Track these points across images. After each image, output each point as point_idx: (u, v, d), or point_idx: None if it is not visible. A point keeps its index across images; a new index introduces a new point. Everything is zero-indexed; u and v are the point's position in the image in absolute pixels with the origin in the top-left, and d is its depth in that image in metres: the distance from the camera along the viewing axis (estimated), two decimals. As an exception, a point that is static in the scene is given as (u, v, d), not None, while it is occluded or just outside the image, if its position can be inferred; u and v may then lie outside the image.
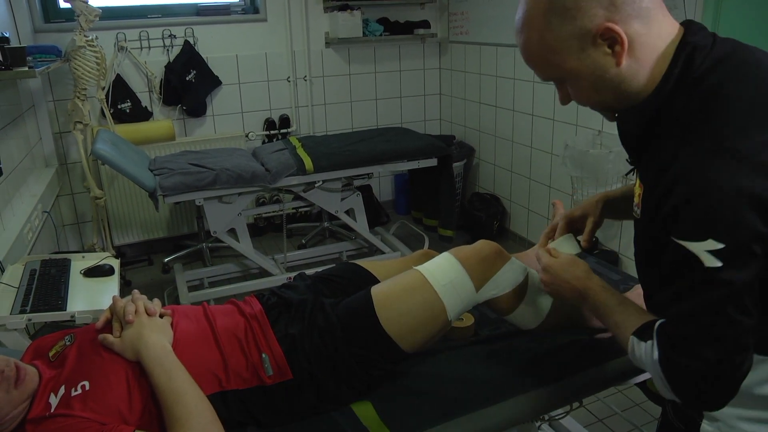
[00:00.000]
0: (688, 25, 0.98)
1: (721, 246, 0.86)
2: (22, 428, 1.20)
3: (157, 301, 1.43)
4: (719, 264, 0.86)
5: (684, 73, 0.94)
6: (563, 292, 1.27)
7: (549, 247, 1.34)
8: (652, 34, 0.95)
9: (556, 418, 2.00)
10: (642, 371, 1.59)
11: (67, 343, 1.35)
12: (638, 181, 1.05)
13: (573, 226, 1.42)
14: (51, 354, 1.33)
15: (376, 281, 1.58)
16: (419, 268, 1.48)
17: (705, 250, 0.86)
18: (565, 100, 1.07)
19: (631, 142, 1.05)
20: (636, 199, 1.05)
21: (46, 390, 1.23)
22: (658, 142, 0.97)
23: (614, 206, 1.39)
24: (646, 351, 1.01)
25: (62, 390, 1.22)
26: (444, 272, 1.45)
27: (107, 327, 1.36)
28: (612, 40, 0.93)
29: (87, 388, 1.21)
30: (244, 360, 1.36)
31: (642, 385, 1.94)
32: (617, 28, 0.91)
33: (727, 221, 0.86)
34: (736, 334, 0.90)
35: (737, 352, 0.91)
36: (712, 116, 0.90)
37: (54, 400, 1.20)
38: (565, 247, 1.38)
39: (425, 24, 4.70)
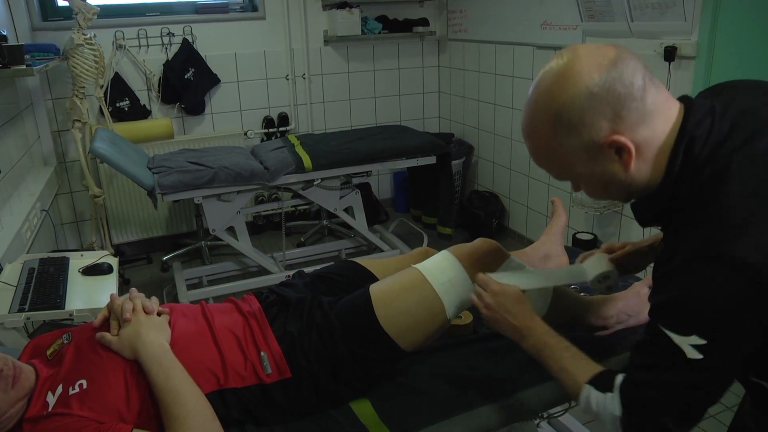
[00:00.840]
0: (687, 107, 0.97)
1: (703, 342, 0.88)
2: (19, 427, 1.19)
3: (155, 300, 1.43)
4: (700, 357, 0.88)
5: (684, 167, 0.94)
6: (502, 327, 1.25)
7: (496, 280, 1.29)
8: (657, 134, 0.94)
9: (555, 415, 2.00)
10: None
11: (65, 342, 1.34)
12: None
13: (610, 251, 1.42)
14: (49, 353, 1.33)
15: (374, 279, 1.58)
16: (418, 266, 1.48)
17: (688, 344, 0.89)
18: (576, 189, 1.08)
19: (646, 224, 1.06)
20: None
21: (43, 389, 1.23)
22: (667, 228, 1.00)
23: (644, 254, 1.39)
24: (605, 403, 1.03)
25: (60, 389, 1.22)
26: (443, 270, 1.45)
27: (105, 325, 1.36)
28: (619, 149, 0.93)
29: (85, 386, 1.21)
30: (242, 358, 1.35)
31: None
32: (623, 139, 0.92)
33: (713, 323, 0.88)
34: (701, 410, 0.95)
35: (695, 422, 0.96)
36: (711, 214, 0.89)
37: (51, 399, 1.20)
38: (596, 263, 1.38)
39: (424, 22, 4.69)
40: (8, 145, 2.88)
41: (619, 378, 1.03)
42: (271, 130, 4.45)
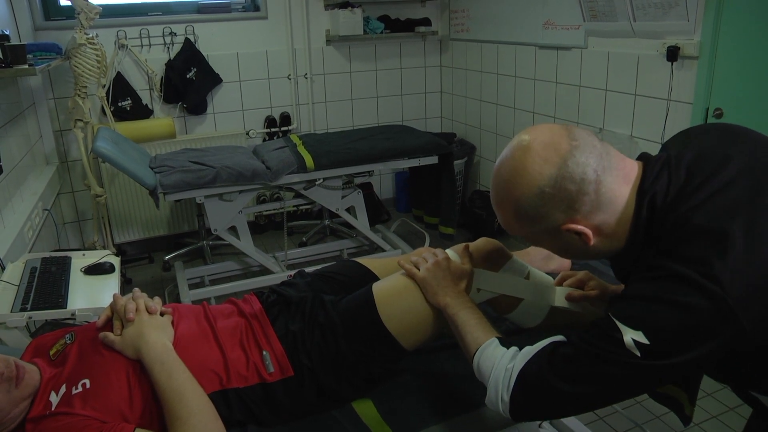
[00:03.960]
0: (644, 171, 1.00)
1: (646, 342, 0.90)
2: (22, 427, 1.19)
3: (157, 300, 1.43)
4: (637, 354, 0.90)
5: (650, 219, 0.97)
6: (430, 292, 1.36)
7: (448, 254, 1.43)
8: (615, 211, 0.98)
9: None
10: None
11: (68, 342, 1.34)
12: None
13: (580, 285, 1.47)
14: (52, 353, 1.33)
15: (376, 279, 1.58)
16: None
17: (632, 338, 0.90)
18: None
19: (623, 280, 1.11)
20: None
21: (46, 388, 1.23)
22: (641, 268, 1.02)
23: None
24: (501, 356, 1.10)
25: (63, 388, 1.22)
26: None
27: (108, 325, 1.36)
28: (577, 233, 0.99)
29: (88, 386, 1.21)
30: (244, 358, 1.35)
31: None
32: (579, 227, 0.98)
33: (663, 330, 0.89)
34: (603, 401, 1.00)
35: (586, 410, 1.02)
36: (681, 249, 0.91)
37: (55, 399, 1.20)
38: (563, 294, 1.46)
39: (426, 21, 4.69)
40: (10, 145, 2.89)
41: (555, 337, 1.07)
42: (273, 129, 4.45)
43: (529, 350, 1.08)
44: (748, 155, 0.96)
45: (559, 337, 1.07)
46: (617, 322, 0.93)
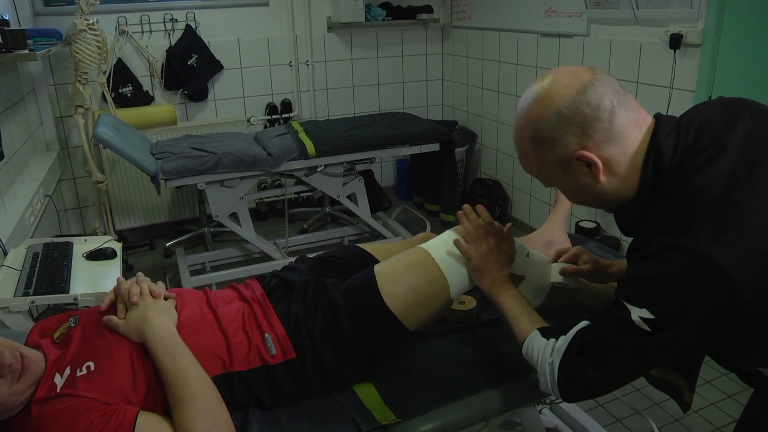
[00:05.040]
0: (657, 126, 1.04)
1: (651, 317, 0.96)
2: (28, 409, 1.20)
3: (161, 284, 1.43)
4: (647, 329, 0.97)
5: (656, 177, 1.02)
6: (481, 270, 1.40)
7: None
8: (625, 151, 1.03)
9: (557, 401, 2.01)
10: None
11: (72, 325, 1.35)
12: None
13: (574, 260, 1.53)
14: (56, 335, 1.33)
15: (376, 263, 1.58)
16: (423, 245, 1.49)
17: (638, 315, 0.97)
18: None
19: (628, 233, 1.13)
20: None
21: (51, 371, 1.24)
22: (642, 233, 1.07)
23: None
24: (544, 348, 1.18)
25: (67, 370, 1.22)
26: (449, 250, 1.46)
27: (112, 309, 1.37)
28: (587, 162, 1.04)
29: (92, 368, 1.22)
30: (246, 341, 1.36)
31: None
32: (589, 154, 1.02)
33: (663, 303, 0.96)
34: (630, 374, 1.07)
35: (619, 384, 1.10)
36: (683, 220, 0.96)
37: (59, 381, 1.21)
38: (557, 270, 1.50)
39: (428, 9, 4.67)
40: (11, 131, 2.88)
41: (580, 324, 1.14)
42: (274, 116, 4.44)
43: (563, 342, 1.14)
44: (754, 123, 1.00)
45: (584, 324, 1.14)
46: (625, 303, 1.00)
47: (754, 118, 1.01)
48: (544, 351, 1.17)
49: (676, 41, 2.71)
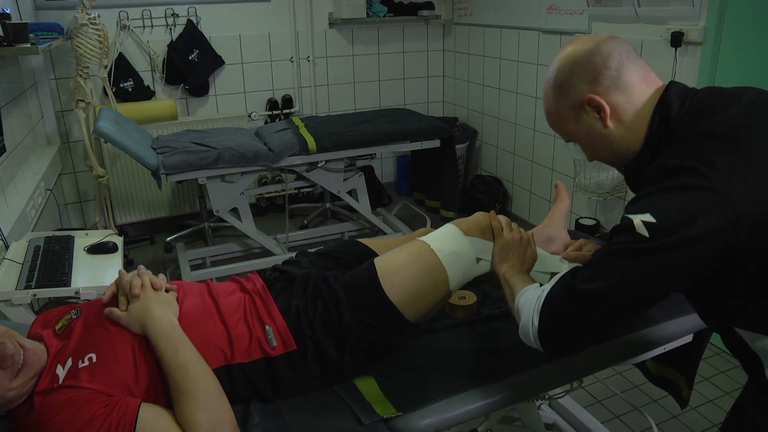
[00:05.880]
0: (669, 86, 1.13)
1: (653, 220, 0.98)
2: (30, 401, 1.21)
3: (162, 276, 1.44)
4: (646, 234, 0.98)
5: (662, 128, 1.10)
6: (505, 255, 1.46)
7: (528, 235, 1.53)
8: (632, 101, 1.13)
9: (555, 397, 2.02)
10: (642, 351, 1.61)
11: (74, 317, 1.35)
12: None
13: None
14: (57, 327, 1.34)
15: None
16: (423, 238, 1.51)
17: (640, 219, 0.99)
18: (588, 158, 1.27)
19: (636, 188, 1.18)
20: None
21: (53, 362, 1.24)
22: (647, 179, 1.11)
23: None
24: (535, 295, 1.18)
25: (69, 362, 1.23)
26: (448, 242, 1.48)
27: (113, 301, 1.37)
28: (597, 107, 1.13)
29: (94, 360, 1.23)
30: (248, 333, 1.37)
31: (642, 367, 1.96)
32: (597, 98, 1.12)
33: (668, 211, 0.98)
34: (624, 311, 1.06)
35: (609, 325, 1.09)
36: (690, 155, 1.02)
37: (61, 372, 1.21)
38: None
39: (429, 5, 4.67)
40: (12, 125, 2.89)
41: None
42: (275, 112, 4.44)
43: (557, 277, 1.17)
44: (758, 96, 1.09)
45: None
46: (629, 215, 1.02)
47: (758, 93, 1.10)
48: (537, 289, 1.21)
49: (677, 39, 2.71)
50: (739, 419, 1.15)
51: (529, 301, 1.19)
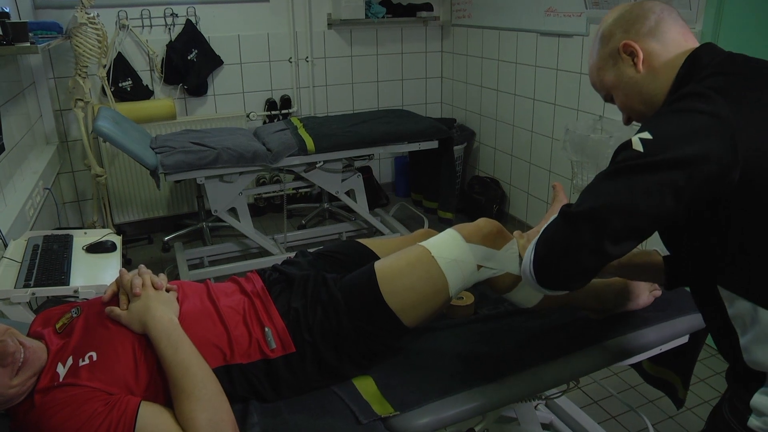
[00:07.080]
0: (705, 44, 1.16)
1: (649, 137, 1.00)
2: (30, 398, 1.21)
3: (163, 276, 1.44)
4: (641, 150, 0.99)
5: (690, 74, 1.11)
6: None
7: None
8: (666, 50, 1.17)
9: (552, 397, 2.03)
10: (638, 352, 1.62)
11: (74, 315, 1.36)
12: None
13: None
14: (58, 326, 1.34)
15: (376, 258, 1.59)
16: (424, 243, 1.49)
17: (638, 137, 1.01)
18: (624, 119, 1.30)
19: None
20: None
21: (54, 360, 1.25)
22: None
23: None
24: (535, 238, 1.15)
25: (70, 360, 1.24)
26: (449, 249, 1.46)
27: (114, 300, 1.38)
28: (632, 53, 1.18)
29: (94, 358, 1.23)
30: (247, 334, 1.38)
31: (638, 367, 1.97)
32: (632, 43, 1.18)
33: (666, 128, 1.00)
34: (611, 223, 1.00)
35: (618, 240, 1.01)
36: (710, 83, 1.05)
37: (62, 370, 1.22)
38: None
39: (428, 7, 4.68)
40: (11, 123, 2.89)
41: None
42: (273, 112, 4.45)
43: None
44: None
45: None
46: (630, 138, 1.03)
47: None
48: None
49: (674, 42, 2.72)
50: (716, 423, 1.16)
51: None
